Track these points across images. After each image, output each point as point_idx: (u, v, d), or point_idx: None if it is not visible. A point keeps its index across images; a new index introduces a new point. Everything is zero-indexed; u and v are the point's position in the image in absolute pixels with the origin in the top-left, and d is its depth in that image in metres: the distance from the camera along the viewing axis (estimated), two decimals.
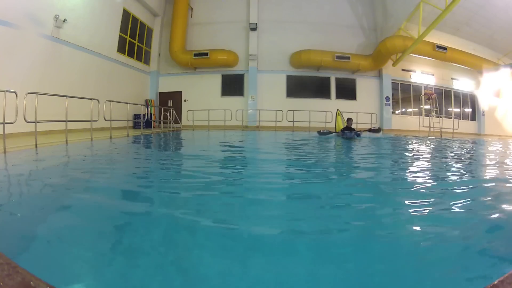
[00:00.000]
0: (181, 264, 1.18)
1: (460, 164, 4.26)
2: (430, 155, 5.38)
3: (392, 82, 15.17)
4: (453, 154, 5.54)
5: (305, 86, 14.81)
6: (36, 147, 4.82)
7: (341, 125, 9.54)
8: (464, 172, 3.60)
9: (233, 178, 2.94)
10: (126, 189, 2.44)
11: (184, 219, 1.67)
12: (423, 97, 15.15)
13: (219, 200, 2.04)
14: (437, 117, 12.60)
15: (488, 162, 4.87)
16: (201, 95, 14.85)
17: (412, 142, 8.25)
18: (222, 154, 4.90)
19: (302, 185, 2.64)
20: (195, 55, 14.15)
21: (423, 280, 1.07)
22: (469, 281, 1.07)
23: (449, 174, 3.34)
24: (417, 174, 3.27)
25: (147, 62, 14.58)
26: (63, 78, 8.73)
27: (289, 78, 14.93)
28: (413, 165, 3.99)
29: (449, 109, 16.12)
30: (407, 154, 5.46)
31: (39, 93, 5.33)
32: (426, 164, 4.13)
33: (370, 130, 9.47)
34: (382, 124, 14.91)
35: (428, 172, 3.42)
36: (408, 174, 3.32)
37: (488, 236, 1.48)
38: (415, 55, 14.49)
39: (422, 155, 5.35)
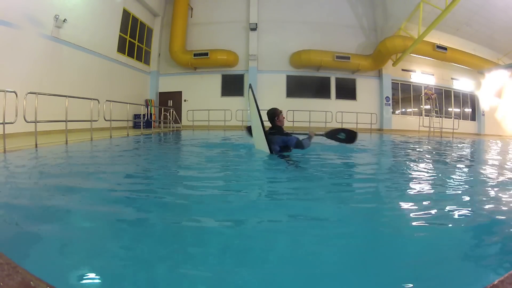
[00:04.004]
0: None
1: (461, 164, 4.26)
2: (431, 155, 5.38)
3: (392, 82, 15.19)
4: (454, 155, 5.54)
5: (305, 86, 14.82)
6: (36, 147, 4.82)
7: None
8: (464, 172, 3.59)
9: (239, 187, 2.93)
10: (127, 189, 2.43)
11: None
12: (423, 97, 15.16)
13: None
14: (437, 117, 12.61)
15: (489, 162, 4.87)
16: (201, 95, 14.87)
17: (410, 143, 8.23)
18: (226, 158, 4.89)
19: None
20: (195, 55, 14.16)
21: (422, 280, 1.07)
22: (469, 281, 1.07)
23: (449, 174, 3.34)
24: (417, 174, 3.27)
25: (147, 62, 14.59)
26: (63, 78, 8.74)
27: (289, 78, 14.94)
28: (413, 166, 3.99)
29: (449, 109, 16.14)
30: (402, 153, 5.46)
31: (39, 93, 5.33)
32: (426, 165, 4.13)
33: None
34: (382, 124, 14.91)
35: (428, 172, 3.42)
36: (407, 174, 3.31)
37: (488, 236, 1.48)
38: (415, 55, 14.51)
39: (422, 155, 5.35)
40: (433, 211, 1.86)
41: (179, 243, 1.39)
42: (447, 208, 1.94)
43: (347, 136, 4.55)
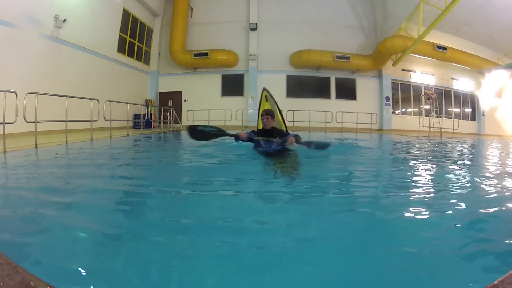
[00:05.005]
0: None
1: (461, 165, 4.26)
2: (431, 156, 5.38)
3: (392, 82, 15.18)
4: (454, 155, 5.54)
5: (305, 86, 14.81)
6: (36, 147, 4.82)
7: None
8: (464, 172, 3.59)
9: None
10: (127, 189, 2.43)
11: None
12: (423, 97, 15.15)
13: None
14: (437, 117, 12.61)
15: (489, 162, 4.86)
16: (201, 95, 14.86)
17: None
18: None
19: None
20: (195, 55, 14.15)
21: (422, 280, 1.07)
22: (469, 281, 1.07)
23: (449, 174, 3.34)
24: (417, 175, 3.27)
25: (147, 62, 14.59)
26: (63, 78, 8.73)
27: (289, 78, 14.94)
28: (413, 166, 3.99)
29: (449, 109, 16.13)
30: (401, 151, 5.46)
31: (39, 93, 5.33)
32: (424, 165, 4.12)
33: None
34: (382, 124, 14.90)
35: (427, 173, 3.42)
36: (407, 175, 3.31)
37: (488, 236, 1.48)
38: (415, 55, 14.50)
39: (422, 156, 5.35)
40: (433, 212, 1.86)
41: (180, 246, 1.39)
42: (447, 208, 1.94)
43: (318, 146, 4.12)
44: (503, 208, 1.96)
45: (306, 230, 1.54)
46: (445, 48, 14.11)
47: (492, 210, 1.92)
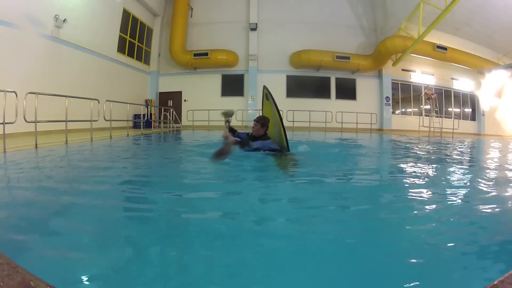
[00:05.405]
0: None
1: (460, 165, 4.26)
2: (431, 156, 5.38)
3: (392, 82, 15.18)
4: (454, 155, 5.54)
5: (305, 86, 14.82)
6: (36, 147, 4.82)
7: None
8: (464, 172, 3.59)
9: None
10: (126, 189, 2.43)
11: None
12: (423, 97, 15.16)
13: None
14: (437, 117, 12.61)
15: (489, 163, 4.86)
16: (201, 95, 14.87)
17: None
18: None
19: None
20: (195, 55, 14.16)
21: (422, 280, 1.07)
22: (469, 281, 1.07)
23: (449, 174, 3.34)
24: (418, 175, 3.27)
25: (147, 62, 14.59)
26: (63, 78, 8.73)
27: (289, 78, 14.94)
28: (413, 166, 3.99)
29: (449, 109, 16.13)
30: (403, 153, 5.46)
31: (39, 93, 5.34)
32: (424, 165, 4.12)
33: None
34: (382, 124, 14.90)
35: (427, 173, 3.42)
36: (407, 175, 3.31)
37: (488, 236, 1.48)
38: (415, 55, 14.50)
39: (422, 156, 5.35)
40: (433, 212, 1.86)
41: (178, 244, 1.39)
42: (447, 208, 1.94)
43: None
44: (503, 208, 1.96)
45: (303, 230, 1.54)
46: (445, 48, 14.12)
47: (492, 209, 1.92)
